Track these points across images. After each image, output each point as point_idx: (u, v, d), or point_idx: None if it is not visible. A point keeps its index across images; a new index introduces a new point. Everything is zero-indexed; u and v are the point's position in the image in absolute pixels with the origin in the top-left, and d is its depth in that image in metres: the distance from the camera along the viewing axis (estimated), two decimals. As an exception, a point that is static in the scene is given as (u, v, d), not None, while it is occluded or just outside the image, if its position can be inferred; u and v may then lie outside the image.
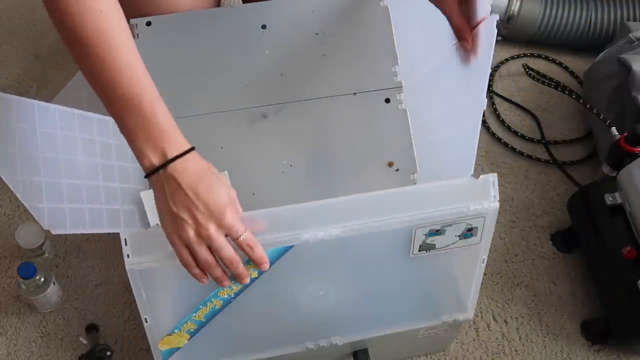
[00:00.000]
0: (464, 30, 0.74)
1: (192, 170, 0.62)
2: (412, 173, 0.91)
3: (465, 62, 0.77)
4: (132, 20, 0.86)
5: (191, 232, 0.62)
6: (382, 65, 0.91)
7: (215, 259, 0.65)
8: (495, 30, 0.71)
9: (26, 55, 1.37)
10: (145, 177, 0.63)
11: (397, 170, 0.90)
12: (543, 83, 1.29)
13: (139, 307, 0.72)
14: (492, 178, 0.72)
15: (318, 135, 0.90)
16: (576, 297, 1.09)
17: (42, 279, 1.01)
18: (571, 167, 1.25)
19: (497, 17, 0.71)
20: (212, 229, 0.62)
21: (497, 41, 0.72)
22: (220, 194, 0.62)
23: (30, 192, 0.70)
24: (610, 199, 1.01)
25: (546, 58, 1.42)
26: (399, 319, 0.86)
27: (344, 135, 0.90)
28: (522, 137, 1.29)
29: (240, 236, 0.64)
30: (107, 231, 0.80)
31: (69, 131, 0.76)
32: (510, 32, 1.40)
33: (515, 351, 1.03)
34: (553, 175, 1.25)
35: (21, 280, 0.99)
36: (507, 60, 1.41)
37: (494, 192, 0.73)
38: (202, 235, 0.62)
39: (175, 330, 0.75)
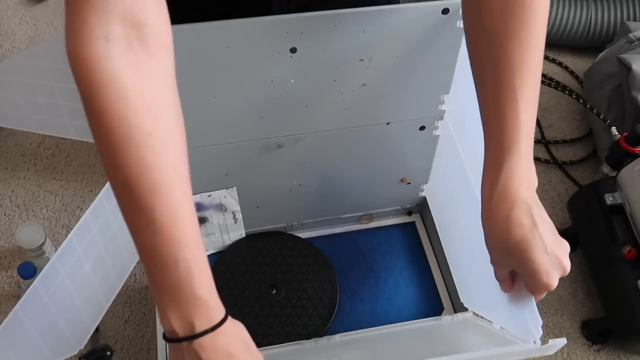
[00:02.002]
0: (504, 285, 0.66)
1: (220, 347, 0.52)
2: (423, 184, 0.89)
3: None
4: None
5: None
6: (430, 96, 0.76)
7: None
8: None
9: (26, 55, 1.37)
10: (164, 339, 0.54)
11: (409, 183, 0.89)
12: (543, 83, 1.29)
13: None
14: (562, 343, 0.62)
15: (335, 160, 0.82)
16: (576, 297, 1.09)
17: (42, 279, 1.01)
18: (571, 167, 1.25)
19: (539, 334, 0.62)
20: None
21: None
22: None
23: (63, 347, 0.65)
24: (610, 199, 1.01)
25: (546, 58, 1.42)
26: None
27: (363, 160, 0.83)
28: (522, 137, 1.30)
29: None
30: (118, 288, 0.79)
31: (71, 255, 0.69)
32: (510, 32, 1.40)
33: (515, 351, 1.03)
34: (553, 175, 1.24)
35: (21, 280, 0.99)
36: (507, 60, 1.41)
37: (553, 351, 0.63)
38: None
39: None
